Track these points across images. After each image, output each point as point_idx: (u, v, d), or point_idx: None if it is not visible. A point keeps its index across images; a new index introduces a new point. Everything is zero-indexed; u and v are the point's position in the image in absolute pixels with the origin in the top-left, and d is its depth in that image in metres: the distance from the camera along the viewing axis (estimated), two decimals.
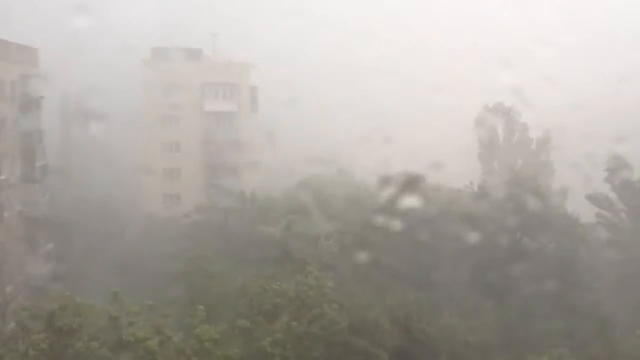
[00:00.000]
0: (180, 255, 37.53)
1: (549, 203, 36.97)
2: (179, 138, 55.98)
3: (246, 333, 26.60)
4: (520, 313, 31.90)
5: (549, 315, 31.78)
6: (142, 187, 54.64)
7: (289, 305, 28.67)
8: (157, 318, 22.92)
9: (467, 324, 30.28)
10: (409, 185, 37.11)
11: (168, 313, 23.54)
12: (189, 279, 32.40)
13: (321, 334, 28.21)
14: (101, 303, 25.30)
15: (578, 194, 40.56)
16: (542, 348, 27.83)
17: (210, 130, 56.67)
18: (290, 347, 26.02)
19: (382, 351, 28.60)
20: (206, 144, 56.42)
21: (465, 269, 34.11)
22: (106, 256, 40.80)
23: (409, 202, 34.31)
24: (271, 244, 37.35)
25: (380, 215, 35.42)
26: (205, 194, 51.91)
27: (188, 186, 54.18)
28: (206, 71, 57.12)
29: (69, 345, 20.27)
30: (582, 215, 38.37)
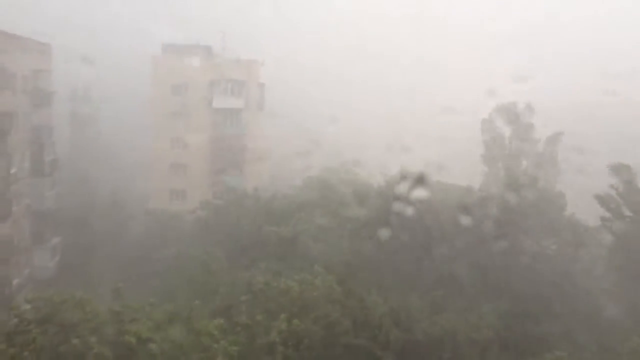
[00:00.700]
0: (185, 251, 37.93)
1: (551, 205, 37.03)
2: (186, 134, 56.34)
3: (248, 330, 26.82)
4: (519, 314, 32.02)
5: (549, 318, 31.88)
6: (149, 183, 55.03)
7: (293, 304, 28.88)
8: (159, 314, 23.20)
9: (468, 324, 30.46)
10: (415, 183, 37.38)
11: (169, 309, 23.75)
12: (193, 274, 32.74)
13: (324, 334, 28.43)
14: (105, 298, 25.72)
15: (583, 196, 40.51)
16: (541, 350, 27.93)
17: (218, 126, 57.03)
18: (292, 346, 26.21)
19: (386, 352, 28.80)
20: (213, 140, 56.76)
21: (466, 269, 34.24)
22: (112, 251, 41.26)
23: (416, 198, 34.56)
24: (277, 241, 37.62)
25: (385, 215, 35.61)
26: (211, 190, 52.22)
27: (194, 182, 54.51)
28: (215, 68, 57.38)
29: (66, 340, 20.47)
30: (588, 218, 38.35)
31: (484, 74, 59.72)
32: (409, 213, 34.82)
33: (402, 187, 40.31)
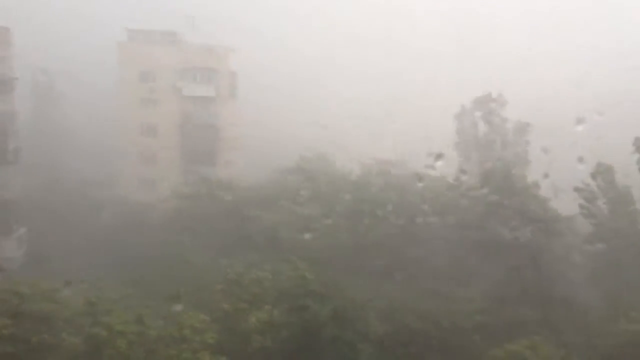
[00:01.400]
0: (157, 241, 37.09)
1: (525, 194, 37.08)
2: (155, 122, 55.21)
3: (224, 321, 26.33)
4: (496, 301, 32.13)
5: (525, 304, 32.06)
6: (118, 172, 53.79)
7: (266, 294, 28.52)
8: (137, 306, 22.48)
9: (447, 311, 30.46)
10: (382, 173, 37.36)
11: (148, 303, 23.03)
12: (167, 265, 32.00)
13: (304, 325, 28.11)
14: (75, 289, 24.79)
15: (561, 186, 40.78)
16: (519, 335, 28.02)
17: (188, 115, 56.00)
18: (269, 337, 25.83)
19: (367, 343, 28.64)
20: (184, 129, 55.75)
21: (443, 258, 34.21)
22: (80, 241, 40.07)
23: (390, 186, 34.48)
24: (257, 230, 37.08)
25: (363, 204, 35.37)
26: (182, 180, 51.24)
27: (164, 171, 53.45)
28: (185, 55, 56.34)
29: (38, 332, 19.68)
30: (565, 207, 38.67)
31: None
32: (388, 205, 34.74)
33: (379, 177, 40.20)
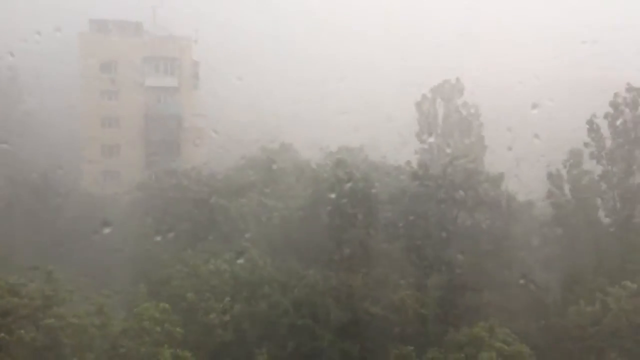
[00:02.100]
0: (120, 233, 36.85)
1: (485, 181, 37.69)
2: (118, 114, 54.69)
3: (185, 313, 26.50)
4: (455, 287, 32.78)
5: (483, 289, 32.80)
6: (80, 164, 53.15)
7: (226, 284, 28.82)
8: (97, 297, 22.48)
9: (415, 299, 30.97)
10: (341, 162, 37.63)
11: (108, 293, 23.04)
12: (129, 258, 31.95)
13: (264, 315, 28.45)
14: (39, 282, 24.62)
15: (512, 172, 41.59)
16: (478, 319, 28.73)
17: (151, 106, 55.57)
18: (230, 328, 26.11)
19: (327, 330, 29.10)
20: (147, 120, 55.33)
21: (403, 246, 34.65)
22: (43, 234, 39.57)
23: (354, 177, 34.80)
24: (216, 222, 37.09)
25: (325, 193, 35.59)
26: (146, 171, 50.91)
27: (128, 163, 53.05)
28: (146, 45, 55.83)
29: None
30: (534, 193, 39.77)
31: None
32: (348, 193, 34.99)
33: (341, 166, 40.36)
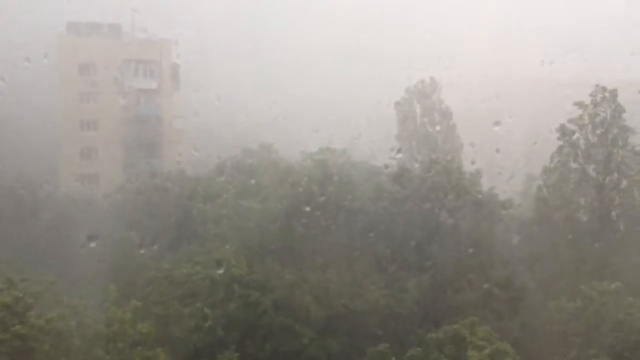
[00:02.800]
0: (99, 236, 36.41)
1: (465, 181, 37.80)
2: (96, 116, 54.20)
3: (160, 319, 26.33)
4: (436, 285, 32.84)
5: (464, 288, 32.87)
6: (59, 167, 52.62)
7: (199, 287, 28.74)
8: (71, 300, 22.19)
9: (394, 298, 31.00)
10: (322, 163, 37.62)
11: (81, 294, 22.77)
12: (107, 260, 31.58)
13: (243, 316, 28.36)
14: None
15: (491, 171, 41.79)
16: (459, 317, 28.73)
17: (131, 108, 55.15)
18: (207, 332, 25.98)
19: (308, 328, 29.10)
20: (127, 122, 54.89)
21: (385, 245, 34.63)
22: (19, 239, 39.00)
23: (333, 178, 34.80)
24: (196, 224, 36.84)
25: (304, 194, 35.50)
26: (125, 174, 50.47)
27: (107, 166, 52.57)
28: (126, 47, 55.44)
29: None
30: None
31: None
32: (328, 194, 34.97)
33: (321, 168, 40.32)
